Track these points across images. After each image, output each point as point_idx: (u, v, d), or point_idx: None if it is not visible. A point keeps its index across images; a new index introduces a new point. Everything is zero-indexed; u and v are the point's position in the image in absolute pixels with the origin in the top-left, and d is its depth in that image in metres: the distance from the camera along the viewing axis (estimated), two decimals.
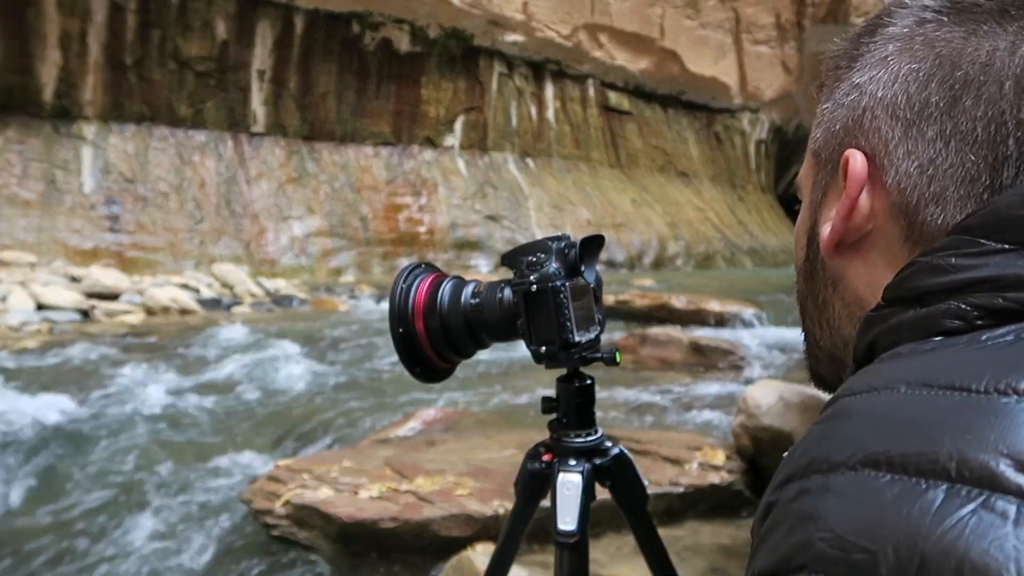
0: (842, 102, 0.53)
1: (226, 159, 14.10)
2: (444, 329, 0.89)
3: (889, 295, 0.44)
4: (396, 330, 0.90)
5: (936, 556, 0.28)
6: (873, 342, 0.44)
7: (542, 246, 0.87)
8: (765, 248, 22.91)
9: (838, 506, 0.32)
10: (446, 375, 0.92)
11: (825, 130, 0.55)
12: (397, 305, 0.89)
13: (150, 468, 3.30)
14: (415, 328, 0.89)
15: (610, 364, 0.86)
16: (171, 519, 2.77)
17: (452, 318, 0.89)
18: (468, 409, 3.79)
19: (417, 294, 0.89)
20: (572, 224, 18.14)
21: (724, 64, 22.35)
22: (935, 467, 0.31)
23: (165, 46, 13.23)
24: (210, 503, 2.81)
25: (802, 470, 0.35)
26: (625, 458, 0.92)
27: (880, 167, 0.48)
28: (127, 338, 6.79)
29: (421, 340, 0.89)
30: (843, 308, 0.52)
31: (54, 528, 2.77)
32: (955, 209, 0.45)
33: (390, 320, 0.90)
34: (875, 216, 0.48)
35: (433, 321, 0.89)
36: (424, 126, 16.78)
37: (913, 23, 0.49)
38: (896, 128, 0.48)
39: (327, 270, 14.07)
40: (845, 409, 0.38)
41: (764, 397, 2.63)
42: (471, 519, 2.29)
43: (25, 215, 11.59)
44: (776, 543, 0.33)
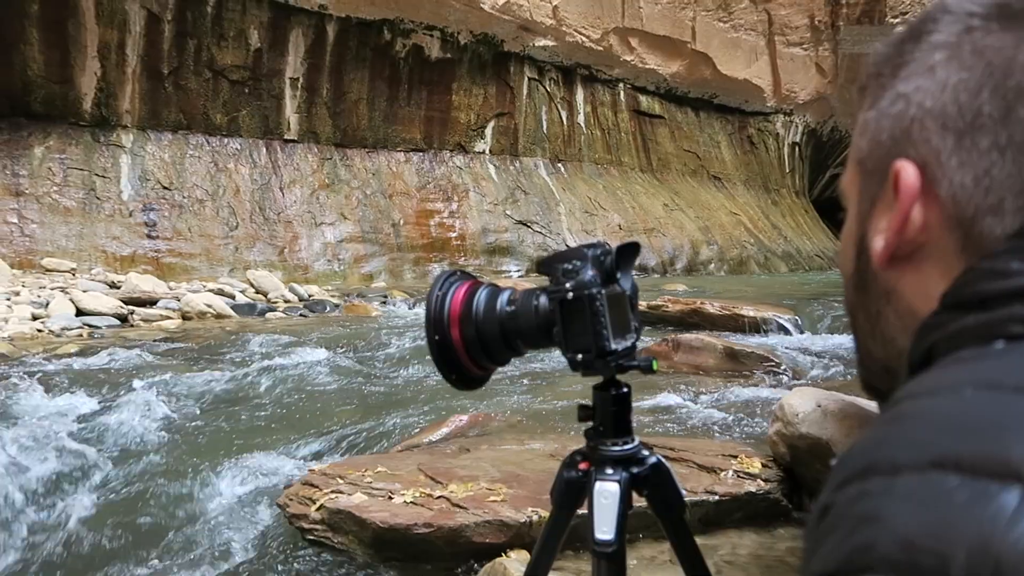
0: (888, 112, 0.52)
1: (260, 166, 14.30)
2: (479, 336, 0.88)
3: (948, 301, 0.43)
4: (432, 337, 0.89)
5: (1013, 559, 0.28)
6: (931, 348, 0.43)
7: (578, 253, 0.86)
8: (800, 252, 22.61)
9: (904, 509, 0.31)
10: (481, 383, 0.92)
11: (871, 140, 0.54)
12: (433, 312, 0.89)
13: (185, 471, 3.34)
14: (450, 335, 0.89)
15: (647, 372, 0.85)
16: (205, 522, 2.80)
17: (487, 325, 0.88)
18: (500, 415, 3.78)
19: (452, 301, 0.89)
20: (603, 229, 18.08)
21: (757, 66, 22.14)
22: (1007, 470, 0.31)
23: (200, 55, 13.47)
24: (245, 507, 2.84)
25: (861, 472, 0.34)
26: (662, 467, 0.91)
27: (932, 178, 0.47)
28: (164, 343, 6.90)
29: (456, 347, 0.89)
30: (897, 320, 0.51)
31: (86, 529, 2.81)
32: (1013, 219, 0.44)
33: (426, 327, 0.89)
34: (929, 228, 0.47)
35: (468, 328, 0.88)
36: (455, 132, 16.86)
37: (960, 31, 0.48)
38: (948, 138, 0.47)
39: (359, 276, 14.19)
40: (907, 412, 0.37)
41: (802, 405, 2.58)
42: (505, 526, 2.28)
43: (66, 222, 11.87)
44: (836, 545, 0.32)
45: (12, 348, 6.41)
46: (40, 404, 4.25)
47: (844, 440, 2.50)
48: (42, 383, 4.81)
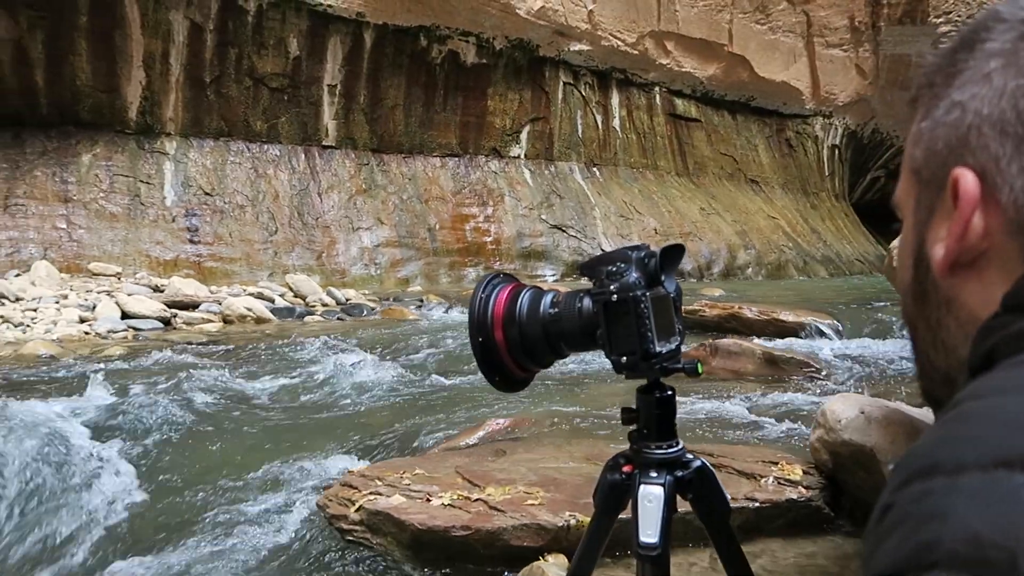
0: (943, 120, 0.52)
1: (299, 172, 14.50)
2: (522, 338, 0.89)
3: (1009, 303, 0.43)
4: (475, 339, 0.90)
5: None
6: (992, 349, 0.42)
7: (622, 255, 0.86)
8: (840, 257, 22.23)
9: (970, 506, 0.32)
10: (524, 385, 0.93)
11: (926, 149, 0.54)
12: (476, 314, 0.90)
13: (225, 471, 3.40)
14: (494, 337, 0.89)
15: (691, 375, 0.85)
16: (246, 521, 2.84)
17: (530, 327, 0.89)
18: (537, 420, 3.78)
19: (496, 303, 0.90)
20: (639, 233, 17.98)
21: (795, 68, 21.84)
22: None
23: (241, 64, 13.72)
24: (284, 506, 2.88)
25: (924, 471, 0.34)
26: (707, 471, 0.90)
27: (992, 185, 0.47)
28: (206, 346, 7.03)
29: (500, 349, 0.90)
30: (958, 329, 0.51)
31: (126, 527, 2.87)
32: None
33: (470, 329, 0.90)
34: (990, 235, 0.47)
35: (512, 330, 0.89)
36: (490, 137, 16.92)
37: (1016, 37, 0.48)
38: (1007, 145, 0.47)
39: (395, 280, 14.30)
40: (971, 412, 0.37)
41: (844, 411, 2.54)
42: (542, 529, 2.28)
43: (112, 227, 12.16)
44: (900, 543, 0.33)
45: (61, 349, 6.59)
46: (86, 404, 4.36)
47: (889, 447, 2.45)
48: (89, 383, 4.93)
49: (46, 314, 8.13)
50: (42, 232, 11.58)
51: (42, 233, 11.57)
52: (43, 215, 11.75)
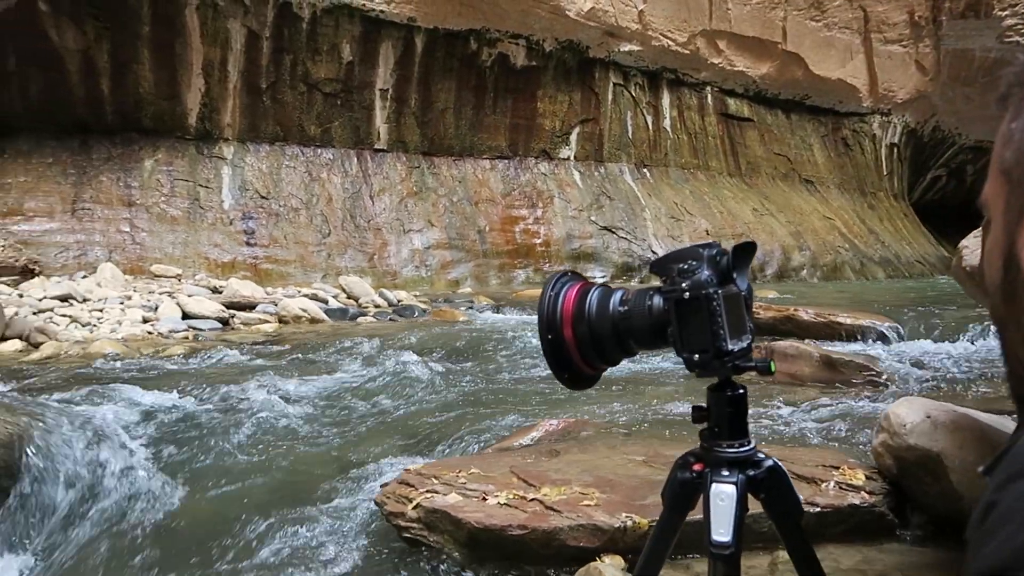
0: None
1: (351, 175, 14.73)
2: (592, 336, 0.89)
3: None
4: (544, 336, 0.91)
5: None
6: None
7: (693, 253, 0.86)
8: (899, 258, 21.63)
9: None
10: (592, 382, 0.93)
11: (1017, 150, 0.53)
12: (546, 312, 0.90)
13: (284, 468, 3.47)
14: (563, 335, 0.90)
15: (764, 373, 0.84)
16: (305, 518, 2.90)
17: (600, 325, 0.89)
18: (591, 420, 3.77)
19: (565, 301, 0.90)
20: (690, 234, 17.77)
21: (852, 66, 21.33)
22: None
23: (296, 70, 14.00)
24: (343, 504, 2.93)
25: None
26: (779, 470, 0.89)
27: None
28: (263, 346, 7.19)
29: (569, 347, 0.90)
30: None
31: (189, 525, 2.94)
32: None
33: (539, 326, 0.91)
34: None
35: (581, 328, 0.89)
36: (540, 138, 16.93)
37: None
38: None
39: (445, 281, 14.41)
40: None
41: (910, 415, 2.48)
42: (599, 530, 2.27)
43: (172, 230, 12.53)
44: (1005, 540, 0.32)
45: (125, 349, 6.81)
46: (148, 403, 4.48)
47: (957, 452, 2.38)
48: (152, 381, 5.09)
49: (111, 314, 8.41)
50: (107, 235, 12.00)
51: (107, 236, 11.99)
52: (108, 219, 12.17)
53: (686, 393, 4.63)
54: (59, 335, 7.24)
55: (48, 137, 12.34)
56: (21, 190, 11.80)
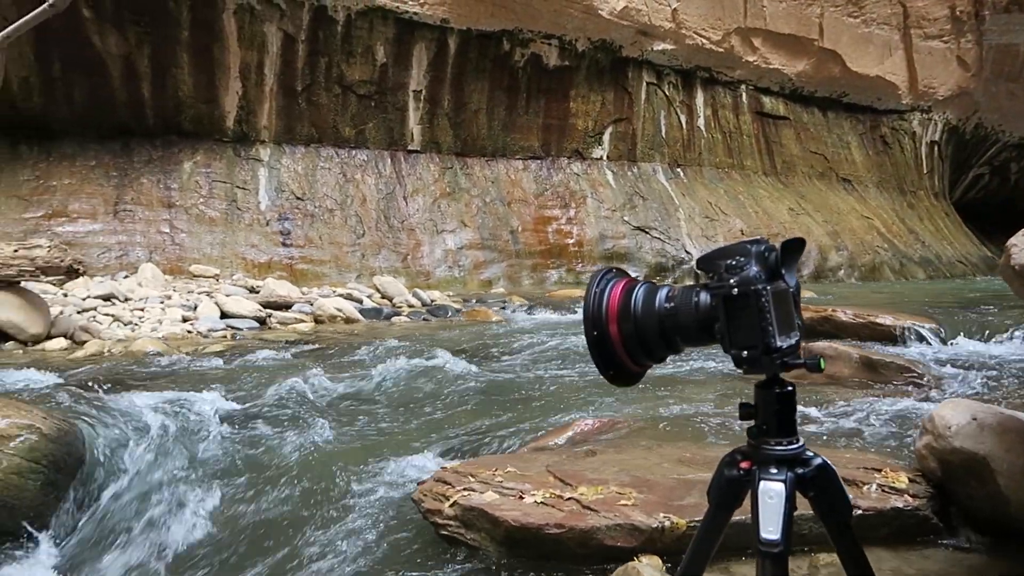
0: None
1: (385, 176, 14.85)
2: (638, 333, 0.89)
3: None
4: (590, 333, 0.91)
5: None
6: None
7: (741, 249, 0.85)
8: (939, 258, 21.19)
9: None
10: (637, 379, 0.93)
11: None
12: (591, 308, 0.90)
13: (324, 463, 3.51)
14: (609, 331, 0.90)
15: (813, 370, 0.83)
16: (344, 514, 2.93)
17: (646, 322, 0.89)
18: (626, 420, 3.76)
19: (611, 298, 0.90)
20: (724, 234, 17.60)
21: (891, 62, 20.96)
22: None
23: (331, 72, 14.15)
24: (380, 500, 2.95)
25: None
26: (829, 469, 0.89)
27: None
28: (299, 345, 7.28)
29: (615, 343, 0.90)
30: None
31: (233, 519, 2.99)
32: None
33: (584, 323, 0.91)
34: None
35: (627, 324, 0.89)
36: (573, 139, 16.90)
37: None
38: None
39: (478, 282, 14.45)
40: None
41: (955, 417, 2.43)
42: (636, 530, 2.27)
43: (211, 231, 12.75)
44: None
45: (166, 347, 6.94)
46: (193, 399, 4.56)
47: (1004, 455, 2.34)
48: (194, 380, 5.18)
49: (152, 313, 8.58)
50: (148, 236, 12.24)
51: (148, 237, 12.23)
52: (148, 220, 12.42)
53: (721, 393, 4.59)
54: (102, 333, 7.40)
55: (91, 140, 12.64)
56: (66, 192, 12.10)
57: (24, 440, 2.83)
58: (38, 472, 2.83)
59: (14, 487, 2.74)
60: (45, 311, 7.19)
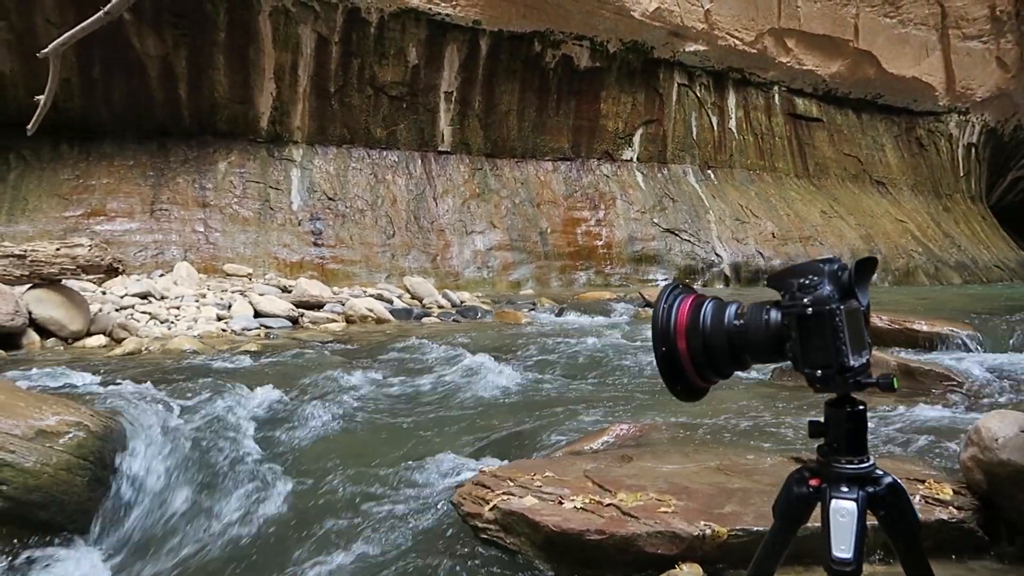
0: None
1: (415, 177, 14.93)
2: (706, 348, 0.90)
3: None
4: (659, 349, 0.92)
5: None
6: None
7: (813, 268, 0.86)
8: (976, 263, 20.81)
9: None
10: (703, 394, 0.93)
11: None
12: (660, 324, 0.91)
13: (363, 464, 3.54)
14: (677, 347, 0.91)
15: (886, 390, 0.83)
16: (384, 517, 2.96)
17: (715, 338, 0.89)
18: (662, 426, 3.75)
19: (679, 313, 0.91)
20: (755, 237, 17.45)
21: (928, 63, 20.62)
22: None
23: (363, 73, 14.27)
24: (419, 503, 2.98)
25: None
26: (899, 487, 0.88)
27: None
28: (332, 344, 7.35)
29: (683, 359, 0.91)
30: None
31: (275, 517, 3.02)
32: None
33: (653, 339, 0.92)
34: None
35: (695, 340, 0.90)
36: (603, 140, 16.87)
37: None
38: None
39: (507, 283, 14.48)
40: None
41: (1002, 429, 2.39)
42: (677, 537, 2.26)
43: (244, 231, 12.92)
44: None
45: (202, 345, 7.05)
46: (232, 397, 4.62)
47: None
48: (232, 378, 5.25)
49: (187, 312, 8.72)
50: (183, 235, 12.44)
51: (183, 236, 12.43)
52: (184, 219, 12.62)
53: (755, 401, 4.55)
54: (139, 331, 7.54)
55: (130, 140, 12.87)
56: (104, 191, 12.34)
57: (73, 437, 2.90)
58: (86, 468, 2.89)
59: (63, 483, 2.80)
60: (85, 308, 7.34)
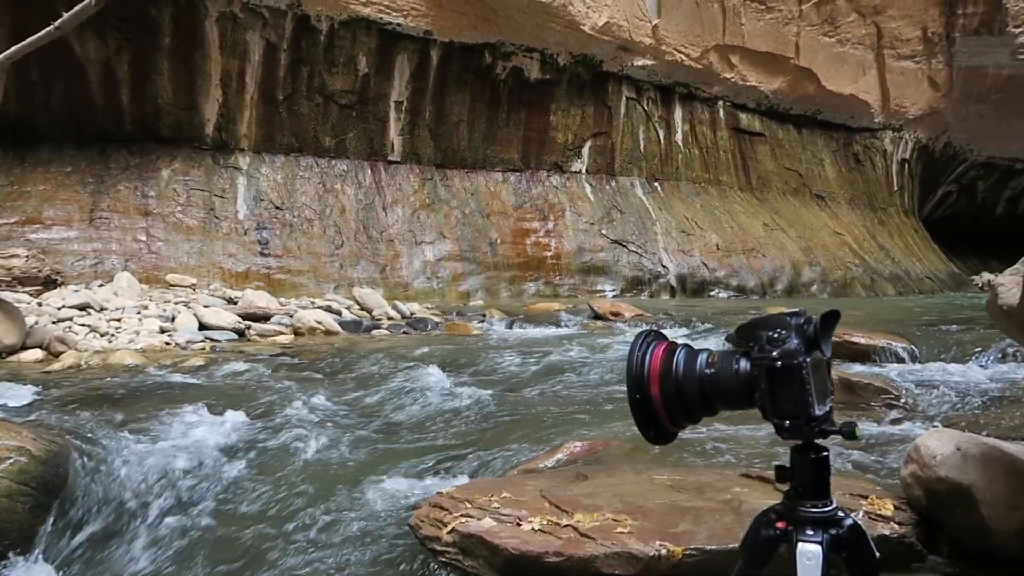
0: None
1: (365, 186, 14.82)
2: (679, 395, 0.93)
3: None
4: (633, 396, 0.95)
5: None
6: None
7: (782, 322, 0.90)
8: (909, 275, 21.60)
9: None
10: (674, 438, 0.97)
11: None
12: (634, 371, 0.94)
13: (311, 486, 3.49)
14: (650, 393, 0.94)
15: (848, 438, 0.87)
16: (338, 539, 2.93)
17: (687, 385, 0.93)
18: (615, 443, 3.80)
19: (652, 360, 0.94)
20: (700, 248, 17.80)
21: (864, 81, 21.37)
22: None
23: (313, 81, 14.11)
24: (374, 525, 2.96)
25: None
26: (859, 529, 0.93)
27: None
28: (280, 358, 7.22)
29: (656, 405, 0.94)
30: None
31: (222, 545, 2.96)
32: None
33: (628, 386, 0.95)
34: None
35: (668, 386, 0.93)
36: (552, 152, 17.01)
37: None
38: None
39: (456, 293, 14.46)
40: None
41: (940, 447, 2.50)
42: (634, 558, 2.30)
43: (188, 240, 12.62)
44: None
45: (145, 359, 6.86)
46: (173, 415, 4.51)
47: (987, 486, 2.41)
48: (177, 395, 5.13)
49: (129, 324, 8.47)
50: (124, 244, 12.09)
51: (124, 245, 12.08)
52: (125, 227, 12.27)
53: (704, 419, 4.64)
54: (79, 344, 7.30)
55: (68, 146, 12.47)
56: (40, 199, 11.92)
57: (14, 462, 2.80)
58: (27, 495, 2.79)
59: (3, 510, 2.71)
60: (20, 321, 7.08)
